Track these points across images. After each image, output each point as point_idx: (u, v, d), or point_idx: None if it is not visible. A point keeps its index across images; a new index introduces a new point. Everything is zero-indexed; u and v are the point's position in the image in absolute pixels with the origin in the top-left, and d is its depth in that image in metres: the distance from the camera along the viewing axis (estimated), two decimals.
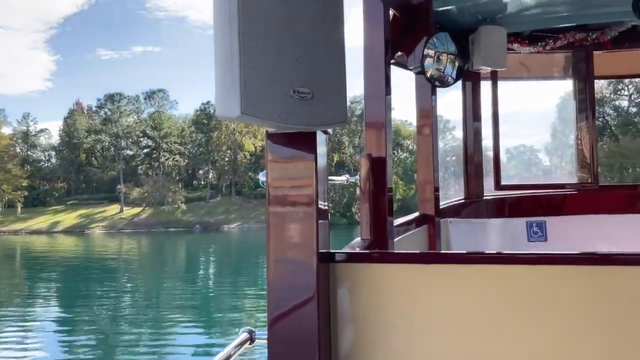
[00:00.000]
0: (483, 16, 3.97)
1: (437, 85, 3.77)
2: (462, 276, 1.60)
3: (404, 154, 56.44)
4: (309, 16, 1.45)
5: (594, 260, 1.55)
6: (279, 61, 1.38)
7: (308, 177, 1.58)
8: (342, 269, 1.70)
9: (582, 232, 4.34)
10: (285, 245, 1.62)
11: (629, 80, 39.64)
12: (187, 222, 62.88)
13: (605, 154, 42.17)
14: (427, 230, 3.77)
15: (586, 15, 4.06)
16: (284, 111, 1.39)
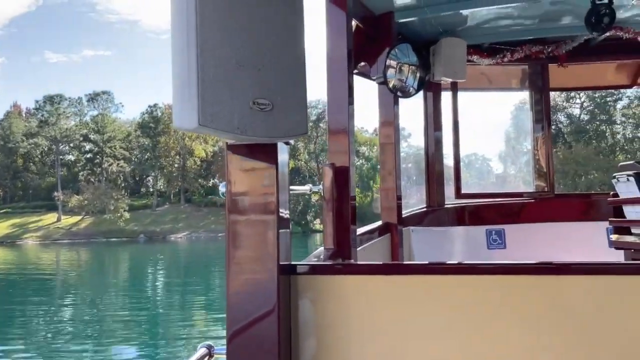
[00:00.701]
0: (444, 28, 4.20)
1: (400, 96, 3.96)
2: (424, 286, 1.67)
3: (360, 161, 56.93)
4: (270, 27, 1.48)
5: (551, 270, 1.64)
6: (239, 72, 1.40)
7: (269, 188, 1.61)
8: (303, 281, 1.73)
9: (539, 240, 4.63)
10: (246, 257, 1.63)
11: None
12: (130, 232, 60.70)
13: (560, 161, 43.90)
14: (389, 239, 3.93)
15: (542, 29, 4.37)
16: (242, 122, 1.41)
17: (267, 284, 1.62)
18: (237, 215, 1.63)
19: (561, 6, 3.91)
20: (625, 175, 3.50)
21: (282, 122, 1.51)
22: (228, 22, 1.38)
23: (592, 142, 49.52)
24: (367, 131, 59.02)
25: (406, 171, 5.36)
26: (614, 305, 1.52)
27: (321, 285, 1.73)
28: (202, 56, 1.32)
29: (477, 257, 4.62)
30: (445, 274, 1.70)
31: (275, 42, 1.49)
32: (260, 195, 1.62)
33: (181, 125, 1.35)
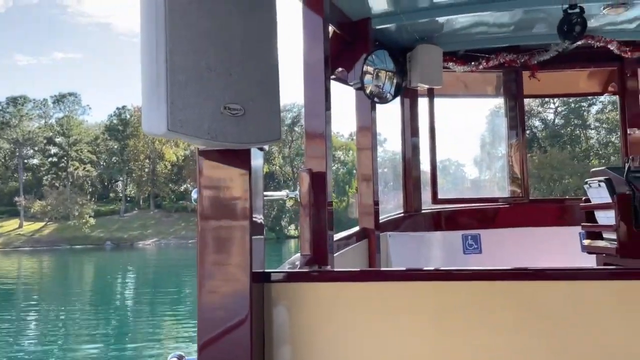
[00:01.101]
0: (420, 35, 4.32)
1: (377, 102, 4.05)
2: (401, 293, 1.70)
3: (336, 166, 56.75)
4: (242, 31, 1.46)
5: (527, 276, 1.69)
6: (209, 76, 1.38)
7: (242, 194, 1.60)
8: (278, 289, 1.72)
9: (514, 244, 4.77)
10: (217, 265, 1.62)
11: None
12: (96, 239, 58.94)
13: (536, 166, 44.52)
14: (367, 245, 4.00)
15: (516, 37, 4.53)
16: (213, 128, 1.39)
17: (239, 292, 1.61)
18: (209, 222, 1.62)
19: (534, 15, 4.07)
20: (597, 181, 3.65)
21: (254, 127, 1.50)
22: (198, 26, 1.37)
23: (567, 146, 50.50)
24: (342, 136, 58.96)
25: (383, 176, 5.46)
26: (587, 310, 1.58)
27: (296, 293, 1.72)
28: (171, 60, 1.32)
29: (454, 262, 4.74)
30: (421, 280, 1.73)
31: (247, 46, 1.48)
32: (233, 202, 1.61)
33: (150, 130, 1.35)
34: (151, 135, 1.41)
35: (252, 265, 1.61)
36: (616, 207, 3.36)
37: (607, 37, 4.37)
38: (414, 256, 4.56)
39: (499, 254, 4.75)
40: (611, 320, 1.56)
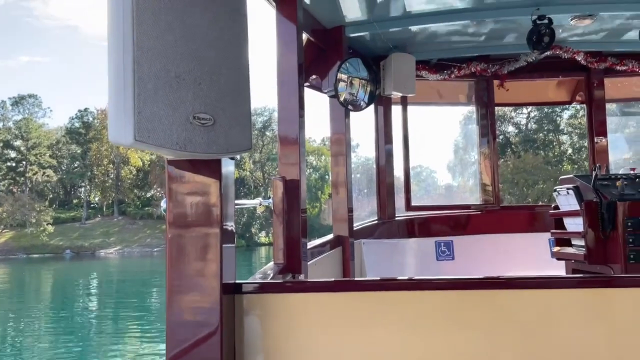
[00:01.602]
0: (393, 44, 4.43)
1: (350, 109, 4.14)
2: (375, 303, 1.72)
3: (308, 171, 56.01)
4: (211, 40, 1.46)
5: (498, 284, 1.75)
6: (178, 86, 1.38)
7: (212, 204, 1.59)
8: (250, 300, 1.72)
9: (486, 250, 4.91)
10: (187, 276, 1.60)
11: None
12: (55, 247, 56.37)
13: (510, 170, 44.94)
14: (341, 252, 4.07)
15: (487, 47, 4.69)
16: (182, 138, 1.39)
17: (209, 304, 1.60)
18: (179, 231, 1.61)
19: (505, 25, 4.22)
20: (565, 188, 3.80)
21: (224, 137, 1.49)
22: (167, 35, 1.37)
23: (540, 151, 51.08)
24: (314, 141, 58.53)
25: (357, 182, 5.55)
26: (557, 317, 1.64)
27: (269, 304, 1.72)
28: (139, 69, 1.31)
29: (427, 268, 4.85)
30: (395, 290, 1.76)
31: (217, 56, 1.48)
32: (203, 211, 1.60)
33: (117, 140, 1.34)
34: (118, 145, 1.40)
35: (222, 276, 1.61)
36: (584, 214, 3.50)
37: (574, 48, 4.56)
38: (387, 263, 4.65)
39: (471, 260, 4.88)
40: (580, 328, 1.62)
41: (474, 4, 3.83)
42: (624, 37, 4.44)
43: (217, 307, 1.61)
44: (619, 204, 3.37)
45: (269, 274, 2.35)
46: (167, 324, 1.62)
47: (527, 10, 3.82)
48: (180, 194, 1.62)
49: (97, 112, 64.67)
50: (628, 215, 3.34)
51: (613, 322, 1.62)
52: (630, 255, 3.30)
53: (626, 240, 3.32)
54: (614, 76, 5.06)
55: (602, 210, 3.42)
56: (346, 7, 3.77)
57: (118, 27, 1.32)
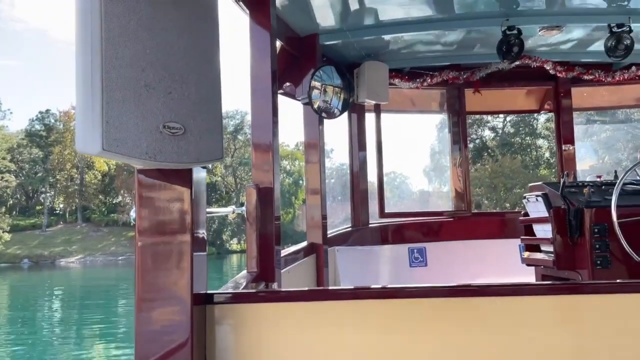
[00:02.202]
0: (367, 52, 4.45)
1: (324, 117, 4.13)
2: (349, 312, 1.71)
3: (282, 175, 54.50)
4: (183, 48, 1.45)
5: (470, 292, 1.75)
6: (148, 95, 1.36)
7: (183, 213, 1.57)
8: (222, 311, 1.69)
9: (458, 257, 4.94)
10: (156, 287, 1.57)
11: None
12: (12, 256, 52.43)
13: (489, 174, 44.60)
14: (315, 260, 4.05)
15: (458, 56, 4.74)
16: (151, 148, 1.37)
17: (179, 315, 1.56)
18: (148, 241, 1.58)
19: (475, 35, 4.27)
20: (535, 195, 3.84)
21: (195, 146, 1.48)
22: (136, 44, 1.36)
23: (518, 155, 50.81)
24: (288, 145, 56.20)
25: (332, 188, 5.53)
26: (529, 324, 1.65)
27: (242, 315, 1.69)
28: (107, 78, 1.29)
29: (400, 275, 4.85)
30: (369, 298, 1.75)
31: (188, 64, 1.47)
32: (174, 220, 1.57)
33: (84, 149, 1.32)
34: (85, 154, 1.38)
35: (193, 286, 1.57)
36: (552, 221, 3.54)
37: (543, 58, 4.64)
38: (361, 270, 4.64)
39: (444, 266, 4.90)
40: (550, 333, 1.63)
41: (445, 14, 3.86)
42: (590, 47, 4.53)
43: (188, 318, 1.57)
44: (585, 210, 3.41)
45: (242, 282, 2.31)
46: (135, 336, 1.58)
47: (496, 21, 3.87)
48: (150, 203, 1.58)
49: (60, 114, 60.91)
50: (594, 221, 3.38)
51: (581, 328, 1.64)
52: (597, 260, 3.34)
53: (593, 246, 3.36)
54: (581, 85, 5.16)
55: (570, 217, 3.46)
56: (320, 15, 3.77)
57: (86, 36, 1.29)
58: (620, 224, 3.28)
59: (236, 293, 1.92)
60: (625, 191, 3.49)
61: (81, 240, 56.32)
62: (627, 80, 4.83)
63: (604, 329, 1.63)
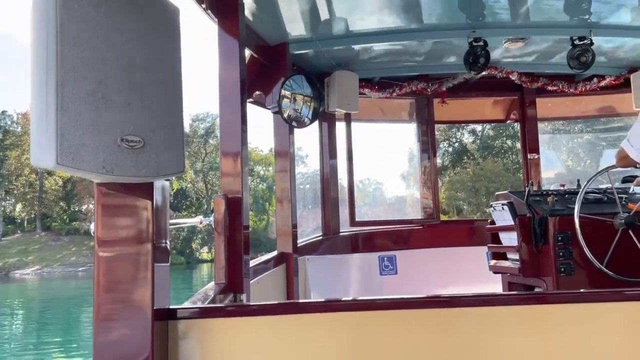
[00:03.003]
0: (337, 61, 4.45)
1: (294, 126, 4.11)
2: (319, 325, 1.68)
3: (255, 181, 50.51)
4: (143, 60, 1.42)
5: (441, 303, 1.76)
6: (105, 107, 1.33)
7: (144, 225, 1.53)
8: (186, 326, 1.64)
9: (427, 264, 4.97)
10: (115, 302, 1.52)
11: None
12: None
13: (471, 178, 44.03)
14: (285, 269, 4.01)
15: (427, 66, 4.79)
16: (109, 161, 1.34)
17: (139, 332, 1.51)
18: (107, 255, 1.53)
19: (443, 46, 4.33)
20: (501, 204, 3.89)
21: (155, 160, 1.45)
22: (93, 54, 1.32)
23: (499, 158, 50.14)
24: (262, 150, 52.85)
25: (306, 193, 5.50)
26: (499, 334, 1.66)
27: (208, 330, 1.64)
28: (63, 89, 1.25)
29: (370, 283, 4.85)
30: (340, 311, 1.73)
31: (148, 75, 1.44)
32: (134, 232, 1.53)
33: (38, 163, 1.27)
34: (40, 168, 1.33)
35: (154, 301, 1.52)
36: (518, 229, 3.59)
37: (508, 69, 4.72)
38: (332, 279, 4.62)
39: (413, 274, 4.92)
40: (518, 343, 1.65)
41: (413, 25, 3.90)
42: (554, 59, 4.63)
43: (148, 335, 1.51)
44: (549, 219, 3.47)
45: (210, 294, 2.26)
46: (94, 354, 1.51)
47: (463, 33, 3.93)
48: (110, 214, 1.54)
49: (18, 116, 56.28)
50: (558, 230, 3.44)
51: (548, 336, 1.66)
52: (561, 268, 3.40)
53: (557, 254, 3.42)
54: (546, 96, 5.27)
55: (535, 225, 3.51)
56: (290, 24, 3.76)
57: (40, 47, 1.25)
58: (583, 231, 3.35)
59: (201, 308, 1.87)
60: (587, 200, 3.56)
61: (39, 250, 52.20)
62: (589, 91, 4.95)
63: (568, 337, 1.65)
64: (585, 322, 1.65)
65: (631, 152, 2.80)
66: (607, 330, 1.64)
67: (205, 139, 53.89)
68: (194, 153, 52.12)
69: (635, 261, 3.30)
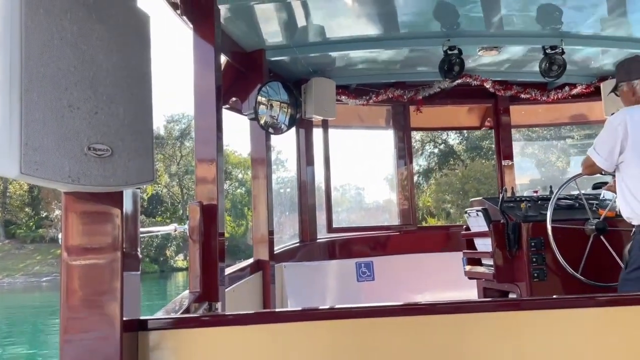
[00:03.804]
0: (314, 68, 4.45)
1: (271, 132, 4.09)
2: (296, 334, 1.66)
3: (234, 184, 47.71)
4: (111, 67, 1.41)
5: (417, 310, 1.75)
6: (72, 115, 1.29)
7: (113, 234, 1.48)
8: (158, 337, 1.59)
9: (404, 270, 4.97)
10: (83, 314, 1.47)
11: None
12: None
13: (459, 179, 43.14)
14: (261, 277, 3.97)
15: (403, 74, 4.82)
16: (75, 171, 1.30)
17: (107, 344, 1.45)
18: (74, 265, 1.47)
19: (418, 54, 4.36)
20: (475, 210, 3.92)
21: (123, 169, 1.40)
22: (60, 62, 1.28)
23: (486, 159, 48.91)
24: (240, 154, 49.46)
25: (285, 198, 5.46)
26: (474, 341, 1.66)
27: (181, 341, 1.58)
28: (27, 98, 1.21)
29: (348, 290, 4.83)
30: (317, 319, 1.71)
31: (117, 83, 1.40)
32: (103, 241, 1.48)
33: (1, 172, 1.23)
34: (3, 176, 1.28)
35: (123, 311, 1.47)
36: (492, 235, 3.62)
37: (483, 77, 4.78)
38: (309, 286, 4.59)
39: (391, 280, 4.92)
40: (496, 350, 1.66)
41: (390, 33, 3.92)
42: (526, 68, 4.70)
43: (117, 347, 1.46)
44: (523, 225, 3.51)
45: (184, 304, 2.21)
46: None
47: (438, 41, 3.96)
48: (78, 223, 1.49)
49: None
50: (531, 235, 3.48)
51: (522, 342, 1.67)
52: (534, 273, 3.43)
53: (530, 260, 3.45)
54: (519, 104, 5.35)
55: (508, 231, 3.54)
56: (266, 31, 3.75)
57: (5, 52, 1.21)
58: (555, 237, 3.39)
59: (174, 318, 1.81)
60: (559, 206, 3.61)
61: (1, 259, 48.17)
62: (561, 99, 5.04)
63: (543, 343, 1.66)
64: (558, 328, 1.66)
65: (597, 159, 2.85)
66: (579, 335, 1.66)
67: (180, 141, 50.73)
68: (168, 156, 49.19)
69: (606, 266, 3.35)
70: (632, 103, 2.86)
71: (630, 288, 2.65)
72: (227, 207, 45.07)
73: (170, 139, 49.50)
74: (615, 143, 2.74)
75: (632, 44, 4.05)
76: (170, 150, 49.68)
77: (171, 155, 49.80)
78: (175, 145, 50.11)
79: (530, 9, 3.56)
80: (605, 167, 2.84)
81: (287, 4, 3.36)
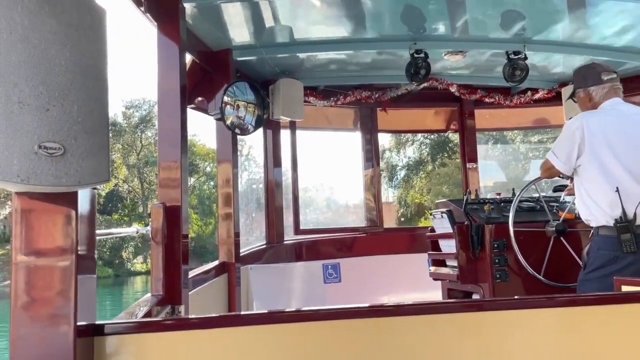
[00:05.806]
0: (281, 69, 4.42)
1: (237, 133, 4.04)
2: (262, 337, 1.64)
3: (201, 179, 43.74)
4: (64, 62, 1.36)
5: (384, 312, 1.75)
6: (21, 112, 1.25)
7: (66, 237, 1.44)
8: (116, 343, 1.54)
9: (371, 272, 4.99)
10: (33, 319, 1.42)
11: None
12: None
13: (440, 179, 42.70)
14: (226, 279, 3.91)
15: (370, 76, 4.84)
16: (24, 170, 1.26)
17: (59, 351, 1.38)
18: (25, 268, 1.42)
19: (386, 57, 4.38)
20: (440, 212, 3.96)
21: (77, 168, 1.36)
22: (9, 55, 1.23)
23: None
24: (207, 145, 44.58)
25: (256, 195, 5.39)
26: (441, 342, 1.67)
27: (141, 346, 1.54)
28: None
29: (314, 292, 4.82)
30: (284, 322, 1.68)
31: (70, 79, 1.36)
32: (55, 242, 1.43)
33: None
34: None
35: (76, 315, 1.41)
36: (456, 237, 3.66)
37: (448, 80, 4.84)
38: (275, 289, 4.55)
39: (357, 282, 4.93)
40: (460, 350, 1.67)
41: (356, 36, 3.93)
42: (491, 72, 4.79)
43: (70, 354, 1.40)
44: (486, 226, 3.56)
45: (145, 307, 2.14)
46: None
47: (405, 44, 3.99)
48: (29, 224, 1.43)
49: None
50: (494, 237, 3.53)
51: (485, 342, 1.69)
52: (497, 274, 3.49)
53: (493, 261, 3.51)
54: (484, 108, 5.43)
55: (472, 233, 3.59)
56: (233, 31, 3.70)
57: None
58: (517, 239, 3.45)
59: (134, 322, 1.76)
60: (521, 208, 3.68)
61: None
62: (523, 104, 5.14)
63: (505, 343, 1.69)
64: (520, 328, 1.69)
65: (555, 162, 2.90)
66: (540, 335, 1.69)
67: (141, 129, 45.49)
68: (127, 145, 44.15)
69: (566, 267, 3.43)
70: (589, 109, 2.92)
71: (588, 288, 2.71)
72: (194, 204, 41.94)
73: (129, 126, 44.92)
74: (573, 147, 2.79)
75: (591, 50, 4.16)
76: (130, 138, 44.79)
77: (130, 145, 44.81)
78: (135, 133, 45.14)
79: (494, 14, 3.62)
80: (563, 170, 2.90)
81: (255, 4, 3.33)
